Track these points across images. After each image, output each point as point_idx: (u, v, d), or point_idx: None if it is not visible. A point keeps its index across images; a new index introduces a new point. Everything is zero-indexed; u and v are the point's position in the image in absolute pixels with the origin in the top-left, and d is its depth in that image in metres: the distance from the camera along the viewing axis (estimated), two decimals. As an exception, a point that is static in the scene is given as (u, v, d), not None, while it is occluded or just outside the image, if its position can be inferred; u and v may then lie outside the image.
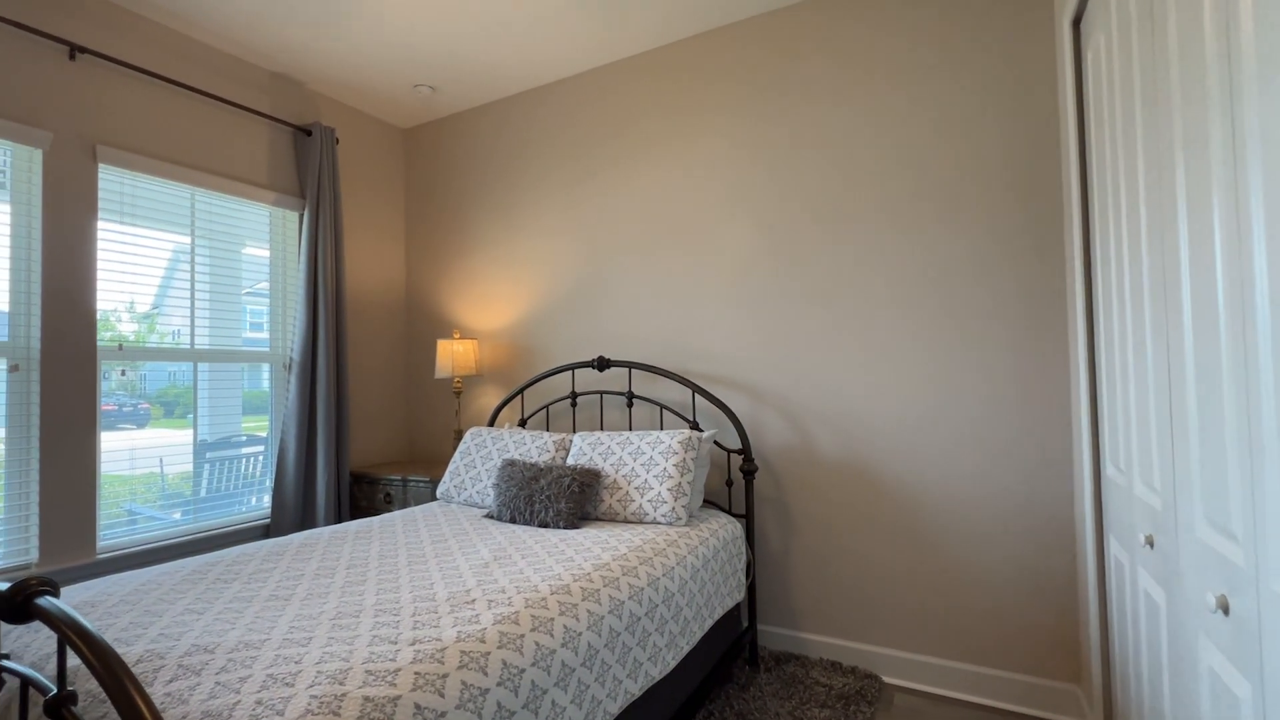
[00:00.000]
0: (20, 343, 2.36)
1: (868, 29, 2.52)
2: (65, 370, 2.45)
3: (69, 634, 0.94)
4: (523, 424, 3.17)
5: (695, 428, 2.65)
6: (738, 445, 2.76)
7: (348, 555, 1.92)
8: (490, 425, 3.19)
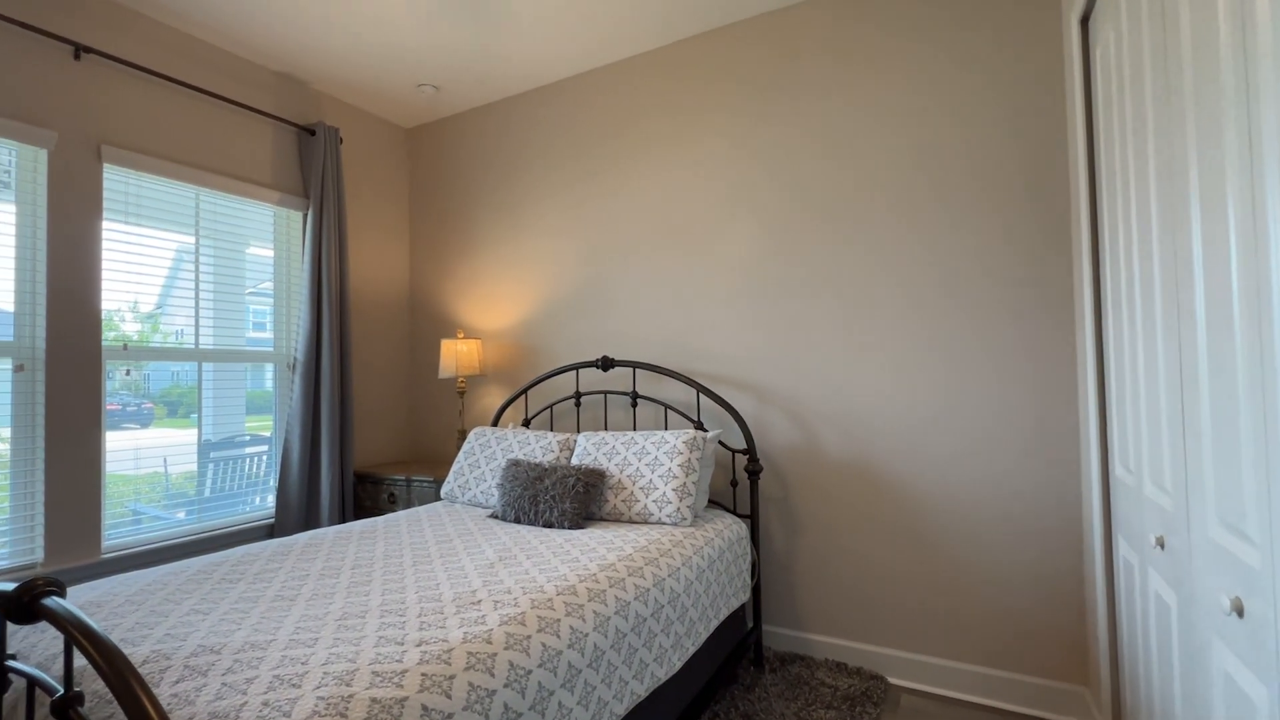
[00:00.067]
0: (25, 342, 2.36)
1: (870, 27, 2.51)
2: (70, 370, 2.45)
3: (75, 634, 0.94)
4: (526, 424, 3.16)
5: (700, 428, 2.64)
6: (742, 445, 2.75)
7: (353, 555, 1.92)
8: (494, 425, 3.19)
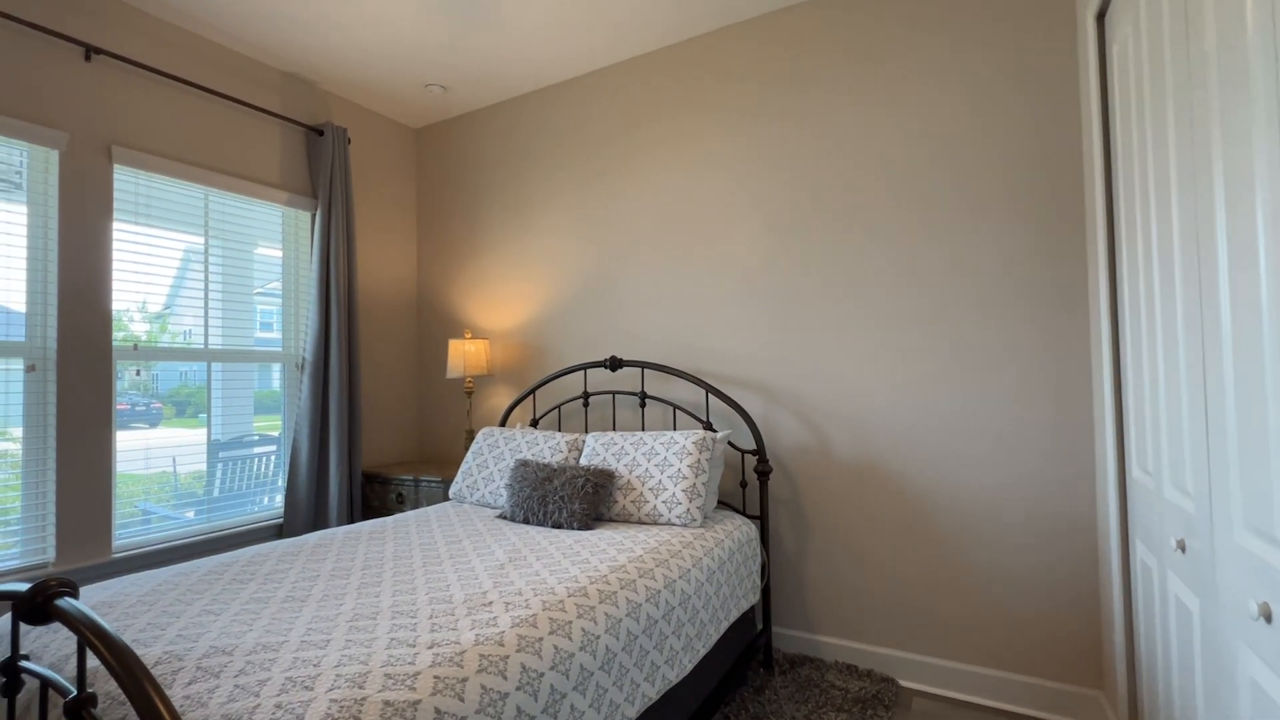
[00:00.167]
0: (37, 343, 2.37)
1: (882, 23, 2.49)
2: (81, 370, 2.46)
3: (89, 636, 0.94)
4: (534, 424, 3.16)
5: (709, 428, 2.63)
6: (751, 446, 2.73)
7: (362, 556, 1.91)
8: (502, 425, 3.18)
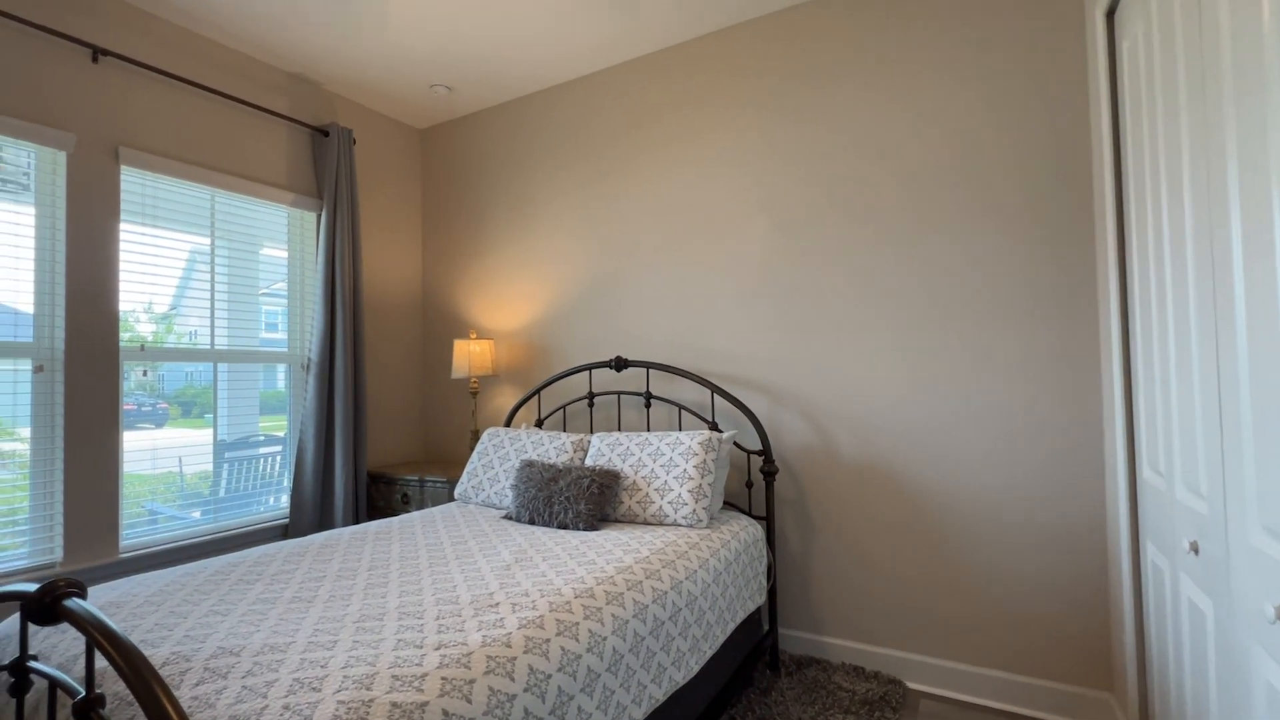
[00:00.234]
0: (45, 344, 2.38)
1: (891, 19, 2.47)
2: (89, 371, 2.46)
3: (97, 636, 0.93)
4: (539, 424, 3.15)
5: (714, 428, 2.62)
6: (757, 446, 2.72)
7: (369, 557, 1.91)
8: (507, 425, 3.18)
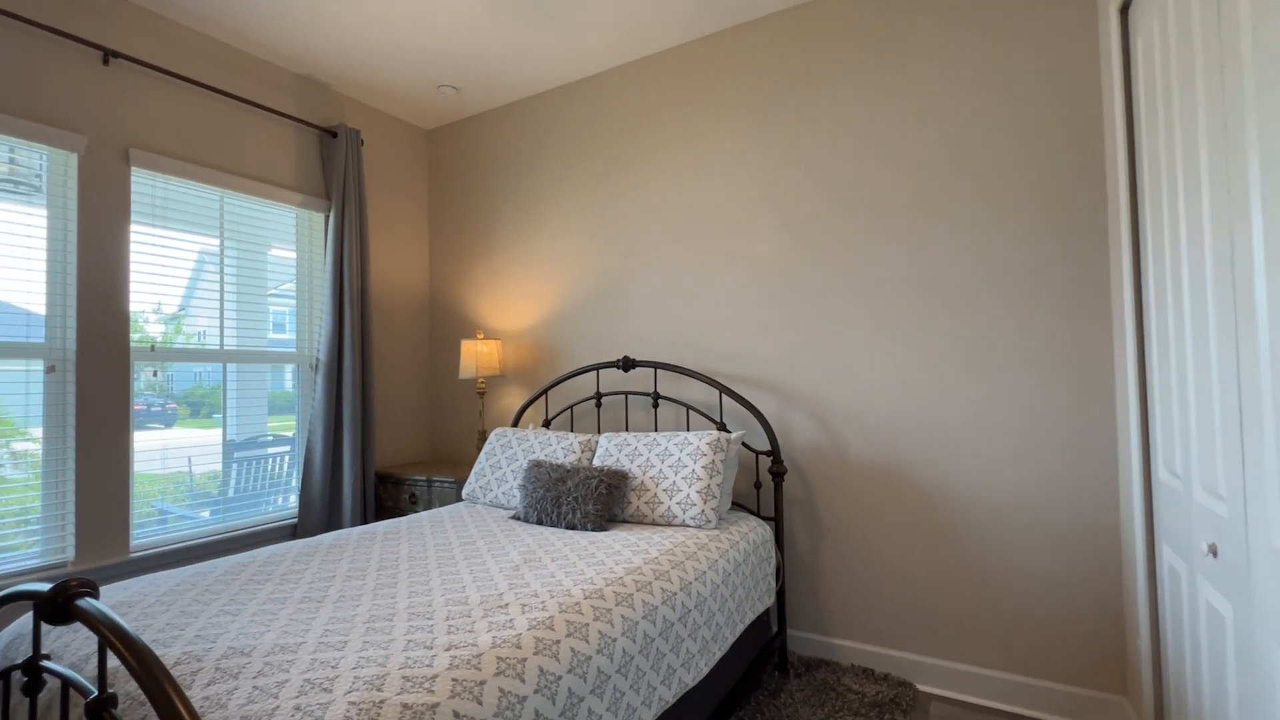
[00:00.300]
0: (56, 344, 2.39)
1: (902, 15, 2.45)
2: (100, 371, 2.48)
3: (109, 636, 0.93)
4: (547, 424, 3.15)
5: (722, 429, 2.61)
6: (765, 446, 2.71)
7: (378, 557, 1.91)
8: (514, 426, 3.18)
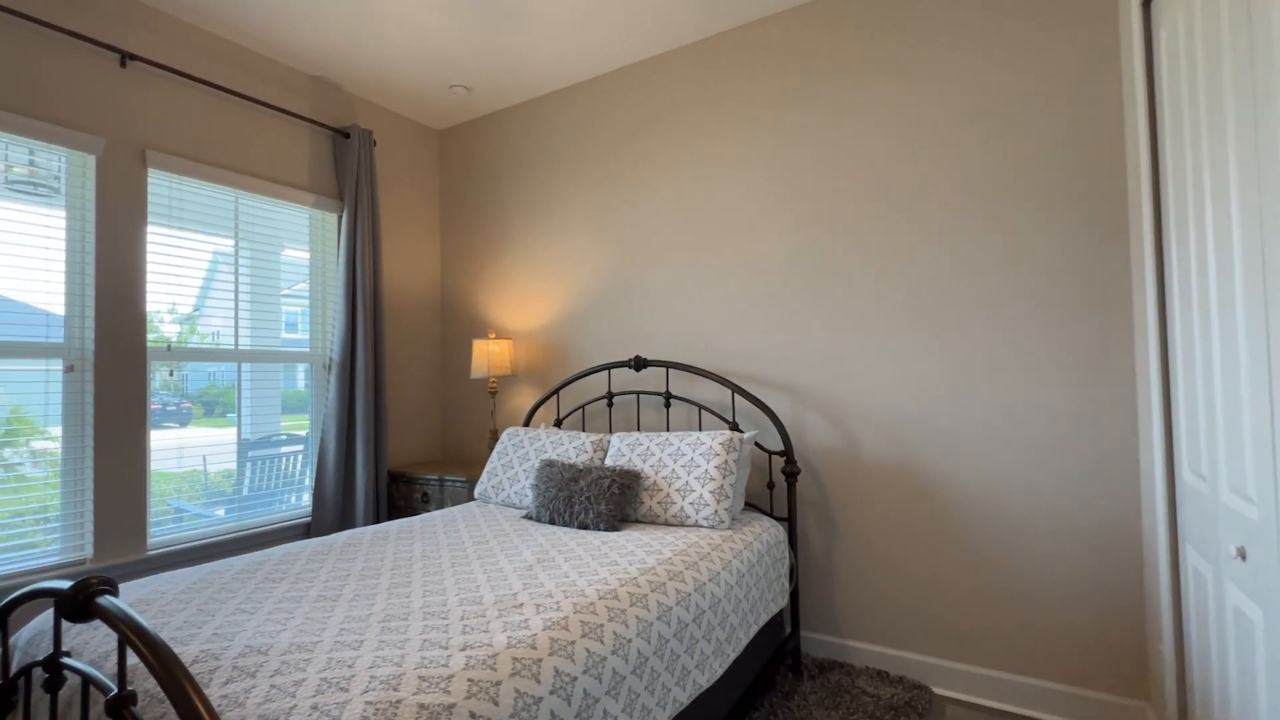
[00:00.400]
0: (75, 344, 2.42)
1: (917, 8, 2.43)
2: (117, 371, 2.50)
3: (129, 634, 0.94)
4: (558, 424, 3.15)
5: (735, 428, 2.59)
6: (778, 446, 2.69)
7: (391, 555, 1.92)
8: (525, 425, 3.18)
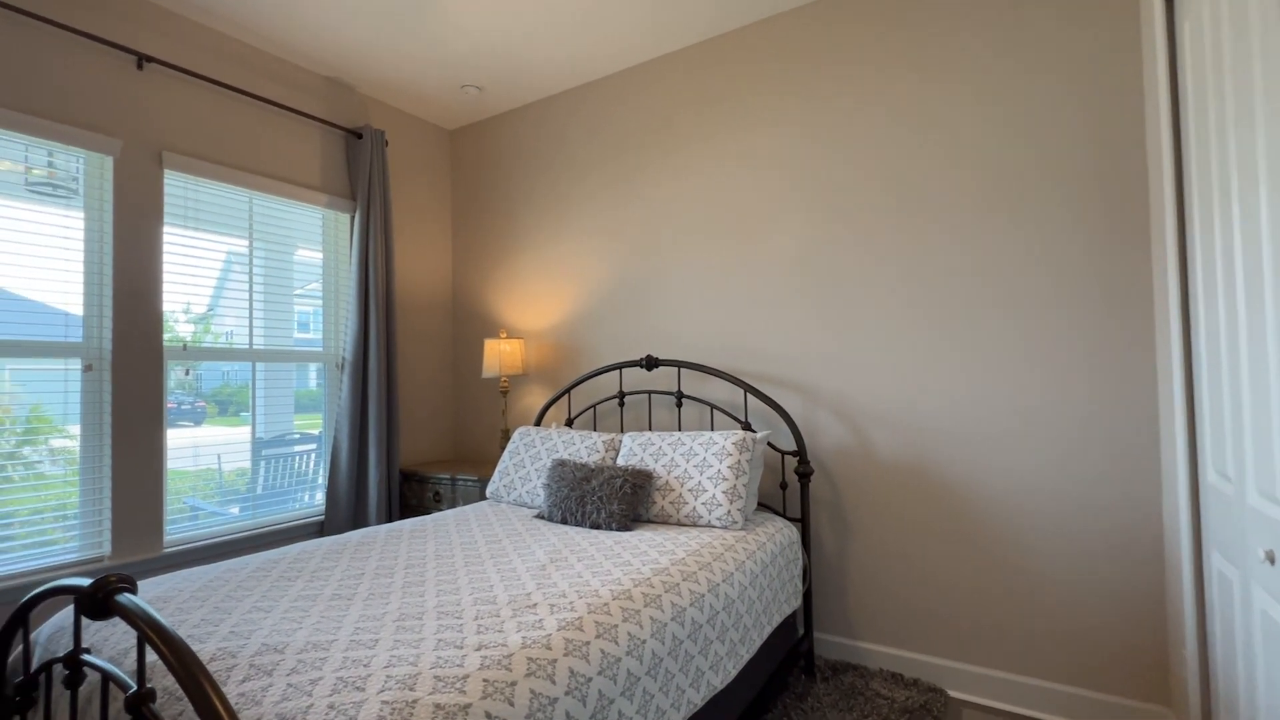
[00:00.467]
0: (93, 344, 2.45)
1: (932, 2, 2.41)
2: (135, 370, 2.53)
3: (148, 632, 0.94)
4: (569, 423, 3.15)
5: (747, 428, 2.58)
6: (791, 446, 2.67)
7: (405, 554, 1.92)
8: (537, 425, 3.18)
